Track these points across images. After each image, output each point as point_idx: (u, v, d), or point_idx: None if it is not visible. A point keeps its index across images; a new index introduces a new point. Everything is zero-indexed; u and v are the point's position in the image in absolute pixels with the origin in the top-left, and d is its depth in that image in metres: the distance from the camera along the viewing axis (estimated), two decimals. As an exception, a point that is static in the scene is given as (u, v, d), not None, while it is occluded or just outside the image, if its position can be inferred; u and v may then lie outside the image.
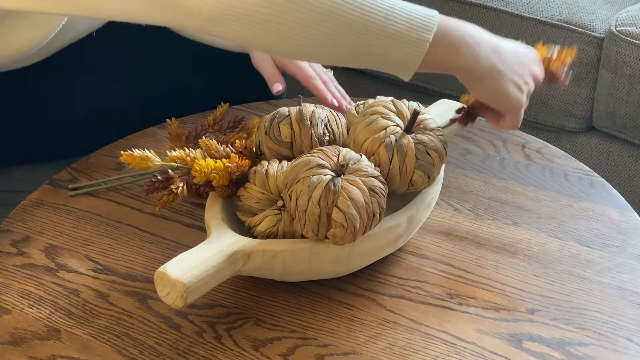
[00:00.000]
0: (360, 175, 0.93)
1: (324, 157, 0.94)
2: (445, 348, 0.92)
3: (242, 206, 0.98)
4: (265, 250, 0.92)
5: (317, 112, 1.02)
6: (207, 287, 0.89)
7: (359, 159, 0.95)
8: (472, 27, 0.97)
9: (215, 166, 0.98)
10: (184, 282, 0.86)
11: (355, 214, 0.90)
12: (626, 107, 1.74)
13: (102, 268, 1.02)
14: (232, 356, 0.91)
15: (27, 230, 1.08)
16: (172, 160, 1.00)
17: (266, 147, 1.02)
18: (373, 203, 0.92)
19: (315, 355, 0.91)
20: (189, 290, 0.86)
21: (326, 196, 0.90)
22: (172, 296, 0.86)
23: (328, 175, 0.92)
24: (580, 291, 1.00)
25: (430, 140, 0.99)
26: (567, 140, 1.86)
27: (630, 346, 0.93)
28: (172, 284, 0.86)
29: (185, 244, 1.05)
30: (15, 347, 0.92)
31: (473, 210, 1.13)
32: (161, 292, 0.87)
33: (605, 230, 1.10)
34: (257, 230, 0.96)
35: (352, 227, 0.91)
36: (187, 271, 0.87)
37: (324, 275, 0.98)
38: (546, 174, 1.20)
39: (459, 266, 1.03)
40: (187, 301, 0.86)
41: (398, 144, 0.97)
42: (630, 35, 1.72)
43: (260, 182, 0.97)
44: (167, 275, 0.86)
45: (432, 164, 0.99)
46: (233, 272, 0.92)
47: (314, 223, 0.91)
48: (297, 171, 0.93)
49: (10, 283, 1.00)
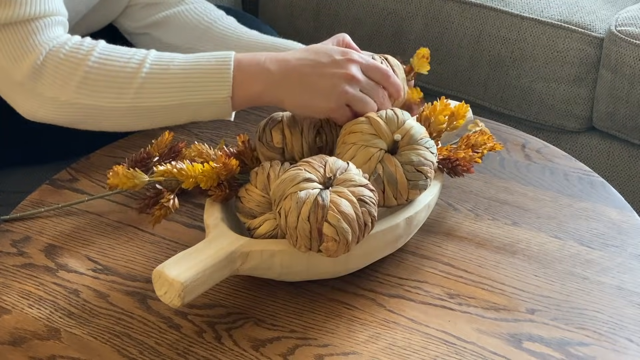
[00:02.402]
0: (348, 186, 0.91)
1: (310, 169, 0.92)
2: (445, 348, 0.92)
3: (243, 208, 0.97)
4: (263, 250, 0.92)
5: (310, 118, 1.01)
6: (204, 286, 0.89)
7: (347, 167, 0.93)
8: (264, 57, 1.04)
9: (203, 169, 0.98)
10: (181, 281, 0.86)
11: (346, 227, 0.89)
12: (626, 107, 1.74)
13: (102, 268, 1.02)
14: (232, 356, 0.91)
15: (27, 230, 1.08)
16: (160, 175, 0.99)
17: (260, 153, 1.02)
18: (364, 214, 0.90)
19: (315, 355, 0.91)
20: (187, 289, 0.86)
21: (315, 211, 0.88)
22: (170, 295, 0.87)
23: (316, 189, 0.90)
24: (580, 291, 1.00)
25: (417, 156, 0.97)
26: (567, 140, 1.86)
27: (630, 346, 0.93)
28: (170, 283, 0.86)
29: (185, 244, 1.05)
30: (15, 347, 0.92)
31: (473, 210, 1.13)
32: (159, 291, 0.87)
33: (605, 230, 1.10)
34: (257, 232, 0.95)
35: (345, 240, 0.89)
36: (184, 270, 0.87)
37: (322, 275, 0.98)
38: (546, 174, 1.20)
39: (459, 266, 1.03)
40: (185, 300, 0.86)
41: (387, 173, 0.96)
42: (630, 35, 1.72)
43: (261, 185, 0.97)
44: (165, 275, 0.86)
45: (425, 179, 0.98)
46: (231, 272, 0.92)
47: (305, 239, 0.90)
48: (284, 187, 0.91)
49: (10, 283, 1.00)
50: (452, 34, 1.87)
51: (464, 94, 1.91)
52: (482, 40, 1.84)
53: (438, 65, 1.91)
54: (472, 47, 1.86)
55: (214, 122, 1.29)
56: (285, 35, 2.03)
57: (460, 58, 1.88)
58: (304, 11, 2.04)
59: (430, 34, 1.89)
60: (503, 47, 1.83)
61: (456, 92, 1.92)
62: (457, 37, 1.87)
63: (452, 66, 1.89)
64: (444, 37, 1.88)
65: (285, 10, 2.06)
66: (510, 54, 1.83)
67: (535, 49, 1.80)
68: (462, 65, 1.88)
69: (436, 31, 1.88)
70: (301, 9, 2.04)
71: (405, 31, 1.92)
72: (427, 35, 1.89)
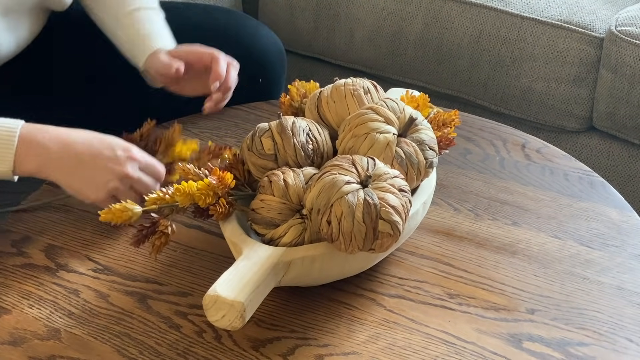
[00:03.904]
0: (386, 180, 0.92)
1: (344, 172, 0.92)
2: (445, 348, 0.92)
3: (263, 219, 0.95)
4: (304, 257, 0.91)
5: (298, 122, 1.01)
6: (257, 303, 0.88)
7: (374, 163, 0.94)
8: (49, 134, 1.03)
9: (198, 186, 0.95)
10: (242, 302, 0.84)
11: (399, 219, 0.90)
12: (626, 107, 1.74)
13: (102, 268, 1.02)
14: (232, 356, 0.91)
15: (27, 230, 1.08)
16: (152, 204, 0.97)
17: (250, 163, 1.01)
18: (406, 202, 0.92)
19: (315, 355, 0.91)
20: (248, 308, 0.85)
21: (369, 212, 0.89)
22: (229, 317, 0.85)
23: (360, 191, 0.90)
24: (580, 291, 1.00)
25: (426, 135, 1.00)
26: (567, 140, 1.86)
27: (630, 346, 0.93)
28: (230, 305, 0.84)
29: (185, 244, 1.05)
30: (15, 347, 0.92)
31: (473, 210, 1.13)
32: (214, 316, 0.85)
33: (605, 230, 1.10)
34: (283, 241, 0.94)
35: (398, 232, 0.90)
36: (240, 290, 0.85)
37: (350, 273, 0.98)
38: (546, 174, 1.20)
39: (459, 266, 1.03)
40: (245, 320, 0.85)
41: (407, 155, 0.97)
42: (630, 35, 1.72)
43: (279, 192, 0.95)
44: (222, 298, 0.84)
45: (435, 157, 1.00)
46: (276, 283, 0.91)
47: (360, 240, 0.90)
48: (328, 195, 0.90)
49: (10, 283, 1.00)
50: (452, 34, 1.87)
51: (464, 94, 1.91)
52: (482, 40, 1.84)
53: (438, 65, 1.91)
54: (472, 47, 1.86)
55: (214, 122, 1.29)
56: (286, 35, 2.03)
57: (460, 58, 1.88)
58: (304, 11, 2.04)
59: (430, 34, 1.89)
60: (503, 47, 1.83)
61: (456, 92, 1.92)
62: (457, 37, 1.87)
63: (452, 66, 1.89)
64: (444, 37, 1.88)
65: (285, 10, 2.06)
66: (510, 54, 1.83)
67: (535, 49, 1.80)
68: (462, 65, 1.88)
69: (436, 31, 1.88)
70: (301, 9, 2.04)
71: (405, 31, 1.92)
72: (427, 35, 1.89)
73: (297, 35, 2.07)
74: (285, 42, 1.62)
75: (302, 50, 2.10)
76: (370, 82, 1.08)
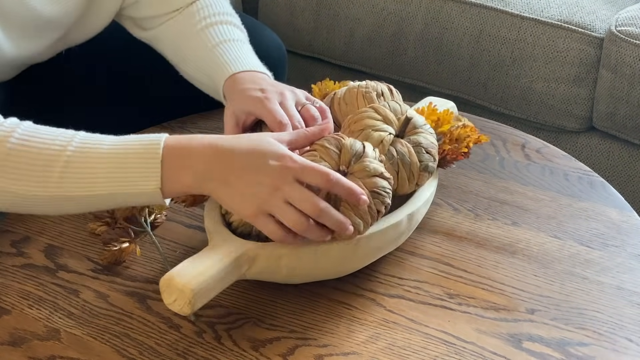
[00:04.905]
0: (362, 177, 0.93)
1: (325, 156, 0.93)
2: (444, 348, 0.92)
3: None
4: (270, 254, 0.92)
5: None
6: (213, 292, 0.88)
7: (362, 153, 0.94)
8: (197, 141, 0.92)
9: None
10: (192, 288, 0.85)
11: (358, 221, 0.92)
12: (626, 107, 1.74)
13: (102, 268, 1.02)
14: (231, 356, 0.91)
15: (27, 230, 1.08)
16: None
17: None
18: (376, 204, 0.93)
19: (314, 355, 0.91)
20: (197, 296, 0.85)
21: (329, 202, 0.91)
22: (180, 303, 0.85)
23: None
24: (580, 291, 1.00)
25: (425, 139, 1.00)
26: (567, 140, 1.86)
27: (630, 346, 0.93)
28: (180, 291, 0.85)
29: (185, 244, 1.05)
30: (15, 347, 0.92)
31: (473, 210, 1.13)
32: (168, 299, 0.86)
33: (605, 230, 1.10)
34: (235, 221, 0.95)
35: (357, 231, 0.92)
36: (193, 277, 0.86)
37: (328, 276, 0.98)
38: (546, 174, 1.20)
39: (459, 266, 1.03)
40: (195, 307, 0.86)
41: (400, 154, 0.97)
42: (630, 35, 1.72)
43: None
44: (174, 282, 0.85)
45: (433, 160, 0.99)
46: (238, 277, 0.91)
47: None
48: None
49: (10, 283, 1.00)
50: (452, 34, 1.87)
51: (464, 94, 1.91)
52: (482, 40, 1.84)
53: (438, 65, 1.91)
54: (472, 47, 1.86)
55: (214, 122, 1.29)
56: (286, 35, 2.03)
57: (460, 58, 1.88)
58: (304, 11, 2.04)
59: (430, 34, 1.89)
60: (503, 47, 1.83)
61: (456, 92, 1.92)
62: (457, 37, 1.87)
63: (452, 66, 1.89)
64: (444, 37, 1.88)
65: (285, 10, 2.06)
66: (510, 54, 1.83)
67: (535, 49, 1.80)
68: (462, 65, 1.88)
69: (436, 31, 1.88)
70: (301, 9, 2.04)
71: (405, 31, 1.92)
72: (427, 35, 1.89)
73: (297, 35, 2.07)
74: (285, 42, 1.62)
75: (302, 50, 2.10)
76: (387, 85, 1.08)
